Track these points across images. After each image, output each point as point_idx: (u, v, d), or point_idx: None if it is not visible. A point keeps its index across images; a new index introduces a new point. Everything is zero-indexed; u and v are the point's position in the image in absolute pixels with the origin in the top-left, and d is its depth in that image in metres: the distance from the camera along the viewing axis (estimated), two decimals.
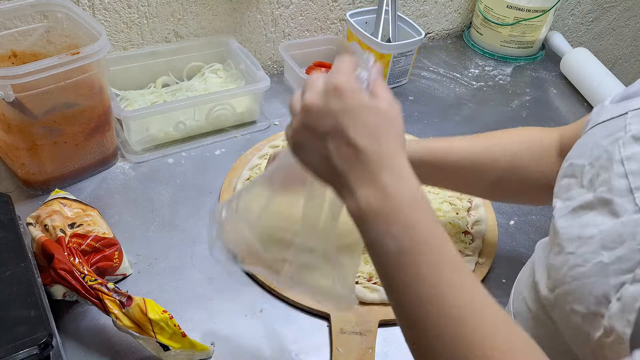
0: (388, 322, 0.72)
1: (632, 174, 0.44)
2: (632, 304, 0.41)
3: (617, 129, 0.48)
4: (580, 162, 0.51)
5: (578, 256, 0.46)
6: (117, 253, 0.71)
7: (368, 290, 0.73)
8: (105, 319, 0.64)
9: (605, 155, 0.48)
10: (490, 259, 0.81)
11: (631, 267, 0.41)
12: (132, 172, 0.91)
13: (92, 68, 0.78)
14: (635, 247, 0.42)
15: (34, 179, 0.82)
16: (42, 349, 0.52)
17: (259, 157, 0.92)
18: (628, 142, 0.46)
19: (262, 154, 0.93)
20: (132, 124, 0.90)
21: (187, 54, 1.07)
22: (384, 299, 0.72)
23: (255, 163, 0.90)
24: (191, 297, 0.72)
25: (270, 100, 1.11)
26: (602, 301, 0.43)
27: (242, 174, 0.88)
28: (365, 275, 0.75)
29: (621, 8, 1.76)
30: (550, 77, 1.35)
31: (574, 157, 0.53)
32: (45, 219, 0.69)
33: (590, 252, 0.45)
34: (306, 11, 1.19)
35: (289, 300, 0.73)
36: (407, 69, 1.21)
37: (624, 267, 0.42)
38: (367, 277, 0.75)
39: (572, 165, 0.52)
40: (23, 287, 0.58)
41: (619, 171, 0.45)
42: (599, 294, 0.43)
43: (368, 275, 0.75)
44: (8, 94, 0.70)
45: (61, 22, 0.84)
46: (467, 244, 0.82)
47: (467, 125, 1.13)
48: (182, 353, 0.61)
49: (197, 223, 0.83)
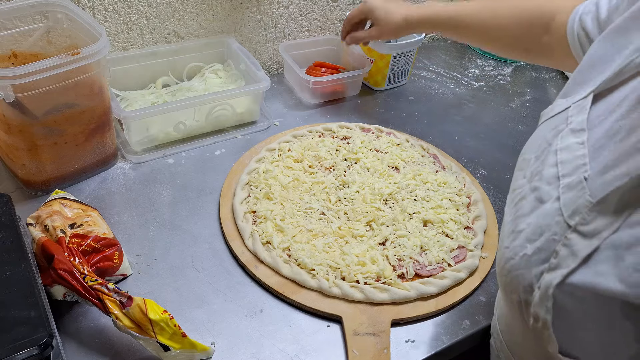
0: (400, 321, 0.72)
1: (562, 163, 0.47)
2: (546, 291, 0.45)
3: (560, 122, 0.50)
4: (528, 157, 0.53)
5: (510, 250, 0.50)
6: (117, 253, 0.71)
7: (377, 290, 0.73)
8: (106, 319, 0.64)
9: (547, 148, 0.50)
10: (493, 252, 0.83)
11: (547, 257, 0.45)
12: (132, 173, 0.91)
13: (92, 68, 0.78)
14: (551, 237, 0.45)
15: (34, 179, 0.82)
16: (42, 350, 0.52)
17: (257, 161, 0.91)
18: (566, 134, 0.48)
19: (260, 157, 0.92)
20: (132, 124, 0.90)
21: (187, 54, 1.07)
22: (395, 299, 0.73)
23: (253, 167, 0.90)
24: (191, 297, 0.72)
25: (270, 101, 1.12)
26: (528, 290, 0.47)
27: (240, 178, 0.88)
28: (373, 275, 0.75)
29: None
30: (551, 77, 1.35)
31: (525, 152, 0.56)
32: (45, 220, 0.69)
33: (519, 246, 0.49)
34: (306, 11, 1.19)
35: (289, 300, 0.73)
36: (407, 69, 1.21)
37: (542, 257, 0.46)
38: (375, 277, 0.75)
39: (524, 159, 0.55)
40: (23, 288, 0.58)
41: (552, 161, 0.48)
42: (525, 284, 0.47)
43: (376, 276, 0.75)
44: (8, 94, 0.70)
45: (61, 22, 0.85)
46: (470, 239, 0.83)
47: (467, 125, 1.13)
48: (182, 353, 0.61)
49: (197, 223, 0.83)
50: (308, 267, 0.74)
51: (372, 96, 1.19)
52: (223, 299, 0.72)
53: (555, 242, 0.44)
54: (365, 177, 0.91)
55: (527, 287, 0.47)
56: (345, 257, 0.76)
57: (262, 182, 0.86)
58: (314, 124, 1.04)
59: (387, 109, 1.15)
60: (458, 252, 0.80)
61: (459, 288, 0.77)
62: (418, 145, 1.01)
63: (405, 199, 0.87)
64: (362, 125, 1.04)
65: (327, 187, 0.88)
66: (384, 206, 0.86)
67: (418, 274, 0.77)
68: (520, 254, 0.48)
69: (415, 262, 0.78)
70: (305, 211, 0.83)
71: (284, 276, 0.74)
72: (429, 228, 0.83)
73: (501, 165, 1.03)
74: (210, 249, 0.79)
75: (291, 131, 1.01)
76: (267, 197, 0.84)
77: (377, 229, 0.82)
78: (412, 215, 0.85)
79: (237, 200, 0.83)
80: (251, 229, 0.79)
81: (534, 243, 0.47)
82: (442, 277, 0.76)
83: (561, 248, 0.44)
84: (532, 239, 0.47)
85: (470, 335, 0.72)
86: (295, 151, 0.94)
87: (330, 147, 0.97)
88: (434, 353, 0.69)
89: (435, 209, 0.86)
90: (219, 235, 0.81)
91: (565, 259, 0.43)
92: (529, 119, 1.18)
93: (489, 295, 0.78)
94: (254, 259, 0.77)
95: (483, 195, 0.93)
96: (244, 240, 0.79)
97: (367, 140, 0.99)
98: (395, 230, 0.82)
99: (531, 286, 0.47)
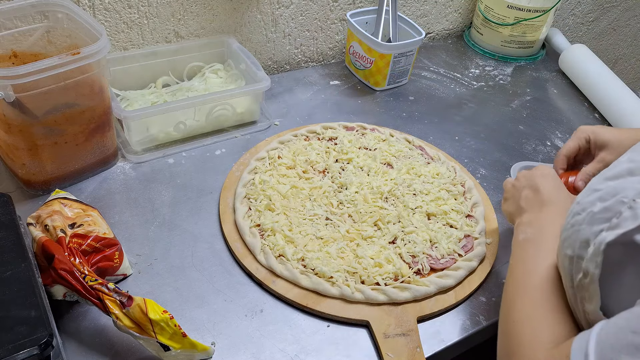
0: (425, 317, 0.73)
1: None
2: (599, 247, 0.46)
3: None
4: None
5: (580, 205, 0.51)
6: (117, 253, 0.71)
7: (398, 290, 0.73)
8: (106, 319, 0.64)
9: None
10: (496, 236, 0.85)
11: (610, 217, 0.46)
12: (132, 172, 0.91)
13: (93, 68, 0.78)
14: (620, 199, 0.46)
15: (34, 179, 0.82)
16: (42, 349, 0.52)
17: (249, 172, 0.89)
18: None
19: (252, 168, 0.90)
20: (133, 124, 0.90)
21: (188, 54, 1.07)
22: (416, 296, 0.73)
23: (247, 179, 0.88)
24: (191, 297, 0.72)
25: (270, 100, 1.12)
26: (584, 246, 0.48)
27: (237, 192, 0.85)
28: (391, 275, 0.75)
29: (621, 8, 1.76)
30: (551, 77, 1.35)
31: None
32: (45, 219, 0.69)
33: (589, 202, 0.50)
34: (306, 11, 1.19)
35: (288, 300, 0.73)
36: (407, 69, 1.21)
37: (606, 216, 0.47)
38: (393, 277, 0.75)
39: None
40: (23, 288, 0.58)
41: None
42: (583, 239, 0.48)
43: (394, 275, 0.75)
44: (8, 94, 0.70)
45: (61, 22, 0.85)
46: (473, 227, 0.85)
47: (468, 125, 1.13)
48: (182, 353, 0.61)
49: (197, 223, 0.83)
50: (326, 275, 0.74)
51: (372, 96, 1.19)
52: (223, 299, 0.72)
53: (624, 204, 0.46)
54: (361, 176, 0.91)
55: (583, 242, 0.48)
56: (360, 260, 0.76)
57: (260, 194, 0.85)
58: (297, 127, 1.03)
59: (387, 109, 1.15)
60: (465, 242, 0.82)
61: (473, 276, 0.78)
62: (402, 138, 1.02)
63: (405, 194, 0.88)
64: (345, 124, 1.04)
65: (325, 191, 0.88)
66: (385, 204, 0.86)
67: (433, 268, 0.78)
68: (588, 210, 0.49)
69: (429, 256, 0.79)
70: (311, 218, 0.82)
71: (304, 287, 0.73)
72: (434, 221, 0.85)
73: (501, 165, 1.03)
74: (211, 249, 0.79)
75: (275, 137, 0.99)
76: (268, 208, 0.83)
77: (384, 228, 0.82)
78: (414, 210, 0.86)
79: (239, 215, 0.81)
80: (260, 243, 0.77)
81: (605, 202, 0.48)
82: (456, 268, 0.77)
83: (626, 210, 0.45)
84: (604, 198, 0.48)
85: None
86: (286, 157, 0.93)
87: (320, 150, 0.96)
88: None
89: (435, 201, 0.88)
90: (219, 235, 0.81)
91: (626, 219, 0.44)
92: (529, 119, 1.18)
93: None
94: (270, 274, 0.75)
95: (473, 180, 0.96)
96: (255, 257, 0.77)
97: (354, 139, 0.99)
98: (403, 228, 0.82)
99: (587, 242, 0.48)
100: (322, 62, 1.30)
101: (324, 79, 1.22)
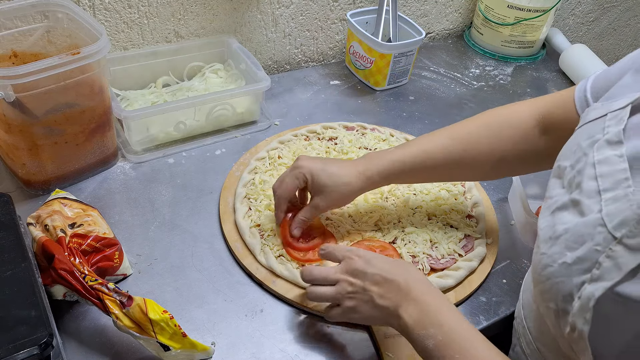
0: None
1: (601, 177, 0.46)
2: (587, 303, 0.44)
3: (596, 131, 0.50)
4: (564, 164, 0.53)
5: (549, 256, 0.49)
6: (117, 253, 0.71)
7: None
8: (106, 319, 0.64)
9: (583, 158, 0.49)
10: (496, 236, 0.85)
11: (589, 267, 0.44)
12: (132, 172, 0.91)
13: (93, 68, 0.78)
14: (593, 248, 0.44)
15: (34, 179, 0.82)
16: (42, 349, 0.52)
17: (249, 172, 0.89)
18: (602, 146, 0.48)
19: (252, 168, 0.90)
20: (133, 124, 0.90)
21: (188, 54, 1.07)
22: None
23: (247, 179, 0.88)
24: (191, 297, 0.72)
25: (270, 100, 1.12)
26: (567, 299, 0.46)
27: (237, 192, 0.85)
28: None
29: (622, 8, 1.76)
30: (551, 77, 1.35)
31: (561, 158, 0.55)
32: (45, 219, 0.69)
33: (557, 253, 0.48)
34: (307, 11, 1.19)
35: (288, 300, 0.73)
36: (407, 69, 1.21)
37: (584, 267, 0.45)
38: None
39: (559, 167, 0.54)
40: (23, 287, 0.58)
41: (590, 173, 0.47)
42: (565, 292, 0.46)
43: None
44: (8, 94, 0.70)
45: (62, 22, 0.85)
46: (474, 227, 0.85)
47: None
48: (182, 353, 0.61)
49: (197, 223, 0.83)
50: None
51: (372, 96, 1.19)
52: (223, 299, 0.72)
53: (598, 252, 0.43)
54: None
55: (566, 295, 0.46)
56: None
57: (260, 194, 0.85)
58: (297, 127, 1.03)
59: (387, 109, 1.15)
60: (465, 242, 0.82)
61: (473, 276, 0.78)
62: (402, 138, 1.02)
63: (405, 194, 0.88)
64: (345, 124, 1.04)
65: None
66: (385, 204, 0.86)
67: (433, 268, 0.78)
68: (560, 262, 0.47)
69: (429, 256, 0.79)
70: None
71: (304, 287, 0.73)
72: (434, 221, 0.84)
73: None
74: (210, 249, 0.79)
75: (275, 137, 0.99)
76: (268, 208, 0.83)
77: (385, 228, 0.82)
78: (414, 210, 0.86)
79: (239, 215, 0.81)
80: (260, 243, 0.78)
81: (575, 252, 0.46)
82: (456, 268, 0.77)
83: (605, 260, 0.43)
84: (572, 247, 0.46)
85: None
86: (286, 157, 0.93)
87: (320, 150, 0.96)
88: None
89: (435, 201, 0.87)
90: (219, 235, 0.81)
91: (609, 271, 0.42)
92: None
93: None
94: (270, 274, 0.75)
95: None
96: (255, 257, 0.77)
97: (354, 139, 0.99)
98: (403, 228, 0.82)
99: (571, 295, 0.45)
100: (322, 62, 1.30)
101: (324, 79, 1.22)
